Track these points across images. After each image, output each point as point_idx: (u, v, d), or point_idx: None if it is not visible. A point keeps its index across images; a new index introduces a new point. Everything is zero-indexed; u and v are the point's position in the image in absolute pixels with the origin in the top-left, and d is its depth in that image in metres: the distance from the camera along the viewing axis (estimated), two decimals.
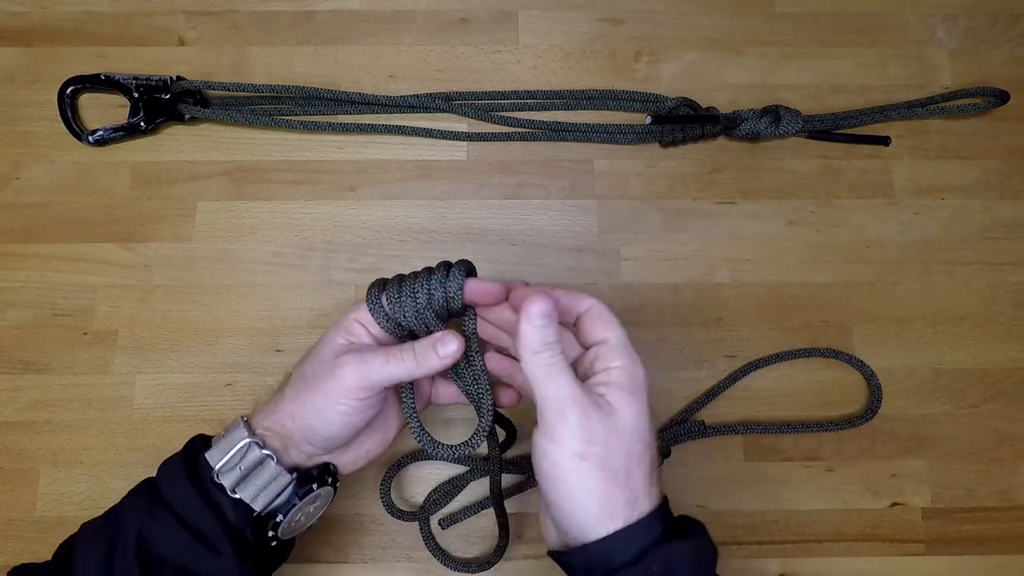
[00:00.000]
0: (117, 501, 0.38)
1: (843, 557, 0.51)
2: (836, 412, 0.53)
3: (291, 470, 0.38)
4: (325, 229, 0.55)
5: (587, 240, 0.55)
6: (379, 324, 0.38)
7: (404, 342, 0.38)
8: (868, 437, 0.53)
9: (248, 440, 0.36)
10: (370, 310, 0.38)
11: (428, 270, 0.39)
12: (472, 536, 0.51)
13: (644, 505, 0.34)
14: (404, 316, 0.38)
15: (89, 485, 0.50)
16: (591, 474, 0.33)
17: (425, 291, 0.38)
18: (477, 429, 0.38)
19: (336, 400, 0.36)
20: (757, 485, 0.52)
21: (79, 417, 0.51)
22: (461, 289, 0.38)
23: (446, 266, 0.39)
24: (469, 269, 0.39)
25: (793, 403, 0.53)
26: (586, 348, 0.37)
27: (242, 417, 0.38)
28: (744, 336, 0.54)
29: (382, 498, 0.50)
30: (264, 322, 0.53)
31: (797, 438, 0.52)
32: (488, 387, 0.38)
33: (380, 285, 0.39)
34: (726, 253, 0.55)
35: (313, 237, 0.55)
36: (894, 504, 0.52)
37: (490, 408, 0.38)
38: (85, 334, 0.53)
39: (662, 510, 0.34)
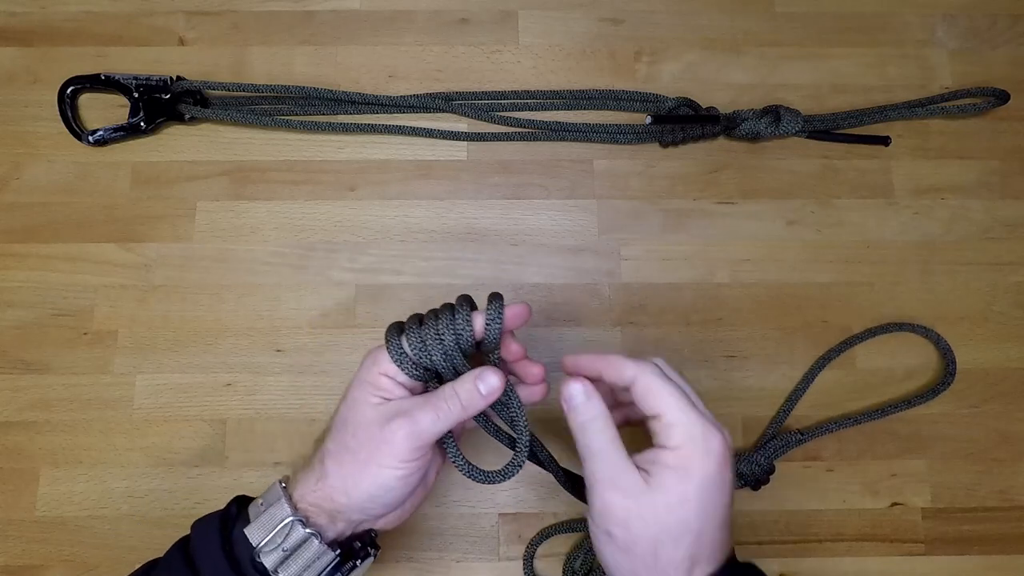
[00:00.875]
0: (143, 558, 0.38)
1: (843, 557, 0.51)
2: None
3: (333, 543, 0.36)
4: (325, 229, 0.55)
5: (587, 240, 0.55)
6: (404, 371, 0.36)
7: (428, 383, 0.37)
8: (868, 437, 0.53)
9: (292, 519, 0.35)
10: (394, 360, 0.36)
11: (450, 308, 0.37)
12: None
13: None
14: (431, 360, 0.36)
15: (89, 485, 0.50)
16: (616, 552, 0.33)
17: (451, 332, 0.36)
18: (518, 447, 0.37)
19: (394, 468, 0.35)
20: None
21: (79, 417, 0.51)
22: (499, 329, 0.36)
23: (467, 303, 0.37)
24: (473, 305, 0.38)
25: (796, 403, 0.53)
26: (646, 418, 0.35)
27: (281, 484, 0.37)
28: (744, 336, 0.54)
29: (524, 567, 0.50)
30: (264, 322, 0.53)
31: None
32: (520, 404, 0.37)
33: (397, 330, 0.37)
34: (726, 253, 0.55)
35: (313, 237, 0.55)
36: (894, 504, 0.52)
37: (526, 423, 0.37)
38: (85, 334, 0.53)
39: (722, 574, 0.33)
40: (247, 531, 0.35)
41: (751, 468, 0.50)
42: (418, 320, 0.37)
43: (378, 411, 0.35)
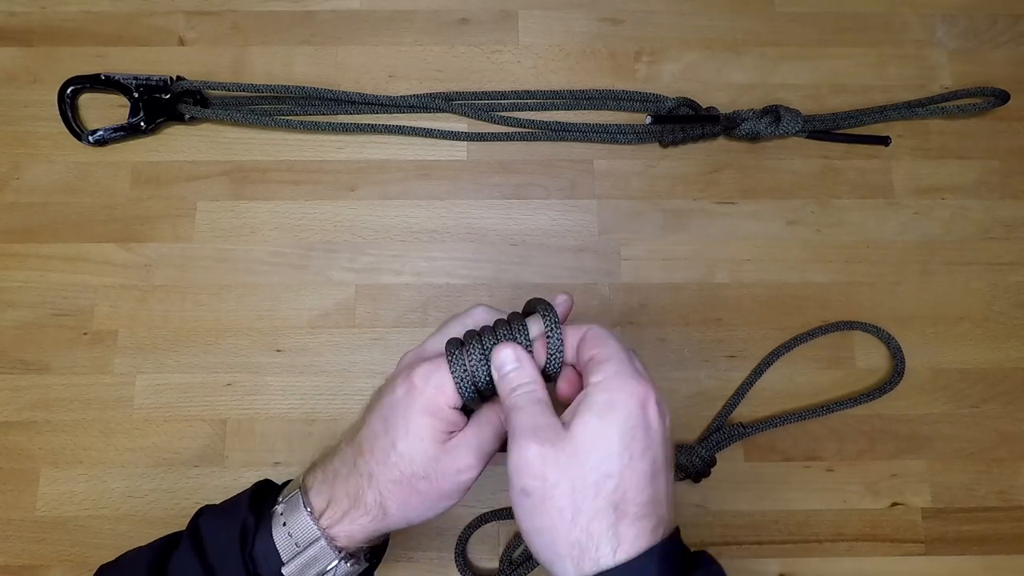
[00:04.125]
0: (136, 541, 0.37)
1: (843, 557, 0.51)
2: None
3: (360, 554, 0.36)
4: (325, 229, 0.55)
5: (587, 240, 0.55)
6: (463, 396, 0.33)
7: (470, 403, 0.35)
8: (868, 437, 0.53)
9: (337, 561, 0.34)
10: (456, 382, 0.33)
11: (506, 325, 0.35)
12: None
13: (605, 539, 0.29)
14: (490, 381, 0.34)
15: (89, 485, 0.50)
16: (532, 513, 0.30)
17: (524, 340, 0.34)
18: None
19: (460, 497, 0.34)
20: (757, 485, 0.52)
21: (79, 417, 0.51)
22: (561, 352, 0.34)
23: (546, 313, 0.35)
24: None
25: (795, 404, 0.53)
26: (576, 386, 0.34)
27: (307, 510, 0.34)
28: (744, 336, 0.54)
29: (456, 560, 0.50)
30: (264, 322, 0.53)
31: (797, 438, 0.52)
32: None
33: (457, 346, 0.34)
34: (726, 253, 0.55)
35: (313, 237, 0.55)
36: (894, 504, 0.52)
37: None
38: (85, 334, 0.53)
39: (662, 549, 0.29)
40: (285, 572, 0.34)
41: (691, 460, 0.50)
42: (478, 339, 0.35)
43: (449, 450, 0.33)
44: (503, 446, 0.34)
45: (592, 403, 0.31)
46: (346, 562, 0.34)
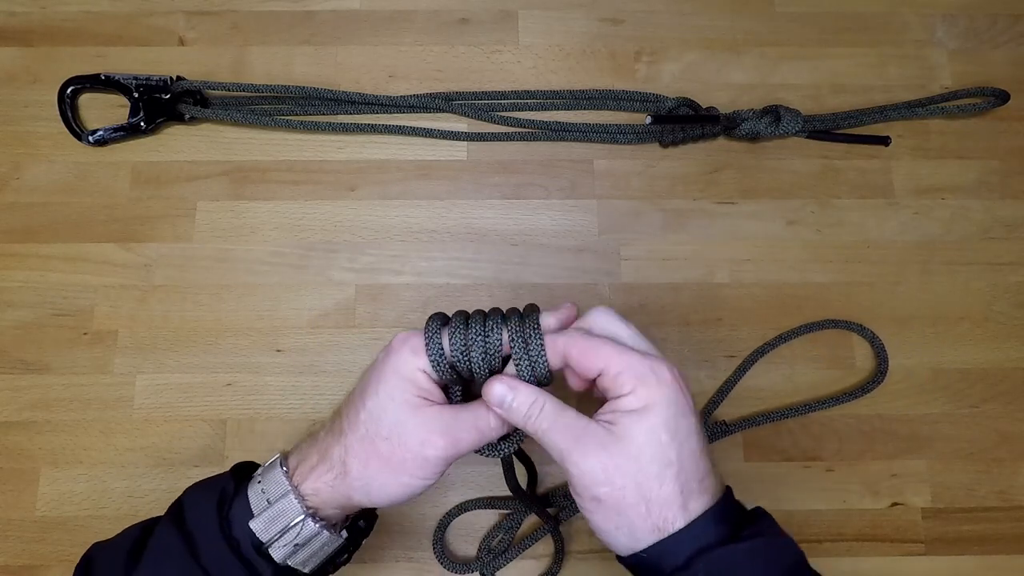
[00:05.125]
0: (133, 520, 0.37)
1: (843, 557, 0.51)
2: (837, 412, 0.53)
3: (338, 525, 0.36)
4: (325, 229, 0.55)
5: (587, 240, 0.55)
6: (436, 370, 0.34)
7: (451, 385, 0.36)
8: (868, 437, 0.53)
9: (303, 516, 0.34)
10: (429, 356, 0.34)
11: (501, 316, 0.35)
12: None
13: (679, 518, 0.32)
14: (469, 366, 0.34)
15: (89, 485, 0.50)
16: (607, 515, 0.32)
17: (495, 343, 0.34)
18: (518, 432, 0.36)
19: (425, 479, 0.34)
20: (757, 485, 0.52)
21: (79, 417, 0.51)
22: (544, 358, 0.34)
23: (519, 316, 0.35)
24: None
25: (794, 404, 0.53)
26: (590, 381, 0.35)
27: (283, 469, 0.35)
28: (744, 336, 0.54)
29: (434, 546, 0.50)
30: (264, 322, 0.53)
31: (797, 438, 0.52)
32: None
33: (440, 322, 0.35)
34: (726, 253, 0.55)
35: (313, 237, 0.55)
36: (894, 504, 0.52)
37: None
38: (85, 334, 0.53)
39: (718, 509, 0.32)
40: (252, 525, 0.34)
41: None
42: (464, 320, 0.35)
43: (417, 418, 0.34)
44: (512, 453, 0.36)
45: (630, 408, 0.32)
46: (314, 521, 0.34)
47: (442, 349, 0.34)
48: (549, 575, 0.49)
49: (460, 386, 0.36)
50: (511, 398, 0.34)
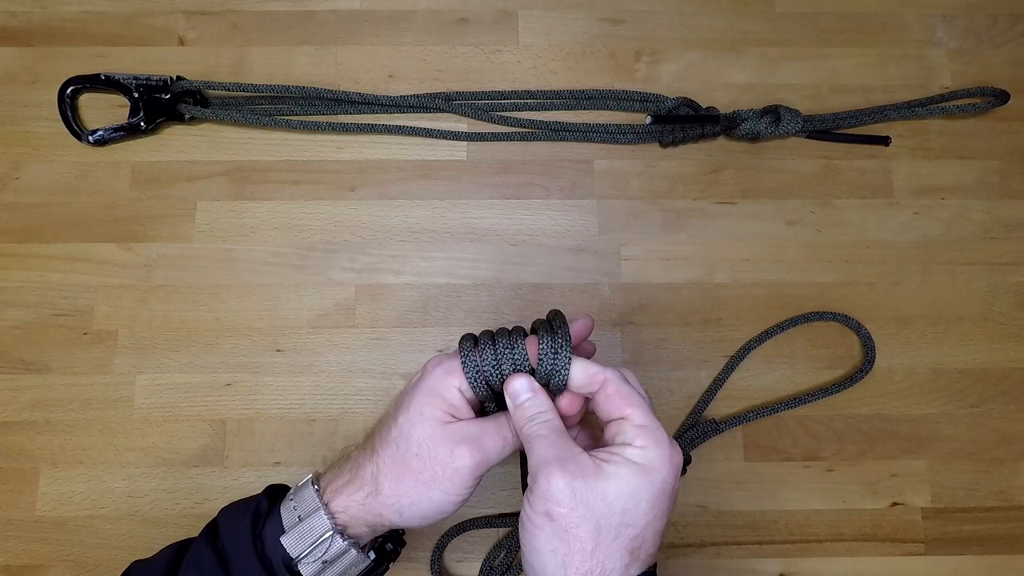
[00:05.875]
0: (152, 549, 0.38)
1: (843, 557, 0.51)
2: (837, 412, 0.53)
3: (366, 547, 0.37)
4: (325, 229, 0.55)
5: (587, 240, 0.55)
6: (473, 388, 0.36)
7: (486, 403, 0.37)
8: (868, 437, 0.53)
9: (331, 532, 0.34)
10: (467, 374, 0.35)
11: (522, 333, 0.37)
12: None
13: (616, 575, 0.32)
14: (501, 377, 0.36)
15: (89, 485, 0.50)
16: (550, 535, 0.32)
17: (528, 365, 0.36)
18: None
19: (457, 495, 0.35)
20: (757, 485, 0.52)
21: (79, 417, 0.51)
22: (566, 377, 0.35)
23: (550, 332, 0.36)
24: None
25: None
26: (606, 421, 0.35)
27: (315, 487, 0.36)
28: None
29: (432, 567, 0.49)
30: (264, 322, 0.53)
31: (797, 438, 0.52)
32: None
33: (472, 342, 0.37)
34: (726, 253, 0.55)
35: (313, 237, 0.55)
36: (894, 504, 0.52)
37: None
38: (85, 334, 0.53)
39: None
40: (283, 540, 0.35)
41: None
42: (491, 337, 0.37)
43: (446, 431, 0.35)
44: (511, 462, 0.36)
45: (630, 458, 0.33)
46: (342, 538, 0.35)
47: (477, 365, 0.35)
48: None
49: (494, 403, 0.37)
50: (528, 396, 0.35)
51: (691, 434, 0.51)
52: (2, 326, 0.53)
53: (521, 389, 0.35)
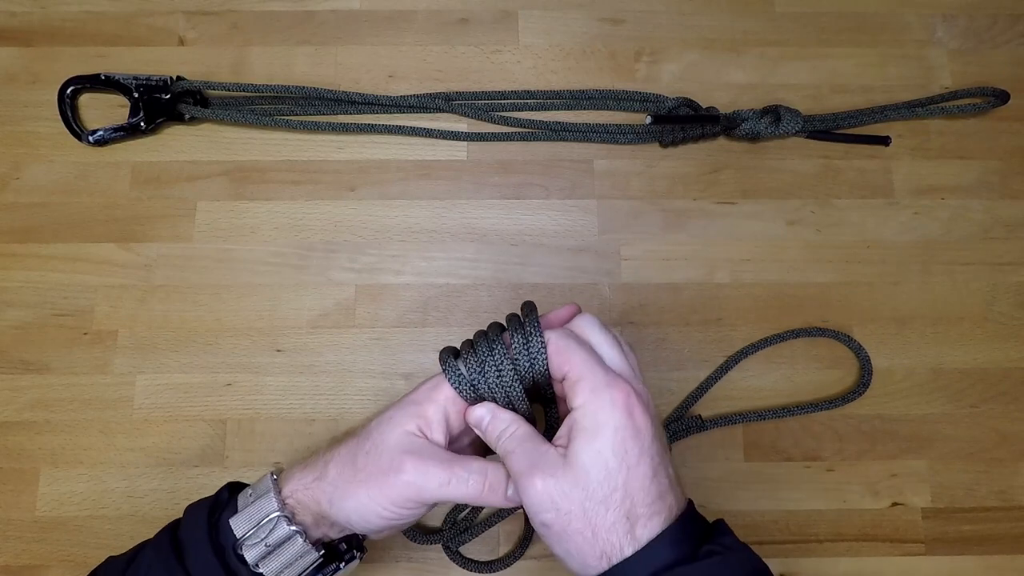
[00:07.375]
0: (139, 540, 0.38)
1: (843, 557, 0.51)
2: (837, 412, 0.53)
3: (317, 543, 0.36)
4: (325, 229, 0.55)
5: (587, 240, 0.55)
6: (462, 395, 0.35)
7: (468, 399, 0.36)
8: (868, 437, 0.53)
9: (277, 514, 0.34)
10: (452, 382, 0.35)
11: (498, 328, 0.36)
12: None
13: (627, 546, 0.31)
14: (488, 389, 0.35)
15: (89, 485, 0.50)
16: (556, 540, 0.32)
17: (506, 360, 0.35)
18: None
19: (381, 505, 0.34)
20: (757, 485, 0.52)
21: (79, 417, 0.51)
22: (545, 362, 0.34)
23: (520, 325, 0.35)
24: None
25: (794, 404, 0.53)
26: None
27: (272, 476, 0.36)
28: (744, 336, 0.54)
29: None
30: (264, 322, 0.53)
31: (797, 438, 0.52)
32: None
33: (451, 353, 0.36)
34: (726, 253, 0.55)
35: (313, 237, 0.55)
36: (894, 504, 0.52)
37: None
38: (85, 334, 0.53)
39: (674, 530, 0.32)
40: (232, 521, 0.35)
41: None
42: (470, 343, 0.36)
43: (404, 440, 0.34)
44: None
45: (580, 429, 0.32)
46: (288, 523, 0.34)
47: (459, 370, 0.35)
48: (517, 553, 0.49)
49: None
50: (488, 420, 0.35)
51: (675, 427, 0.51)
52: (2, 326, 0.53)
53: (479, 416, 0.35)
